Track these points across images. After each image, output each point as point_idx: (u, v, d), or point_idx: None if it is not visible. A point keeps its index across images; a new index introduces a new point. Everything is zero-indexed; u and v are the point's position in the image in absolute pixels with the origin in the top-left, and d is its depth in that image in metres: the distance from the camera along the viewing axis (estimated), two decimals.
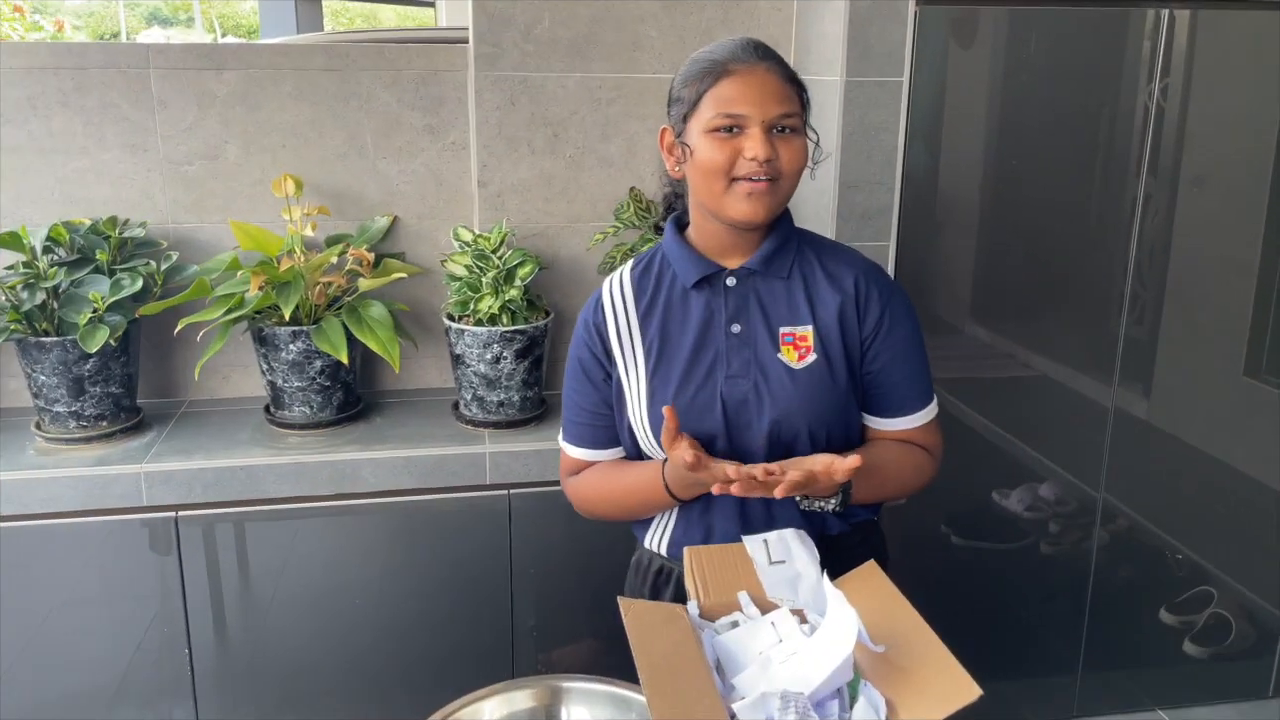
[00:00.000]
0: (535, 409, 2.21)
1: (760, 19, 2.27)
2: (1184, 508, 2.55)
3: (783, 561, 1.27)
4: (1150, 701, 2.60)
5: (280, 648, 2.07)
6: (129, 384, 2.12)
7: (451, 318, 2.17)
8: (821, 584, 1.21)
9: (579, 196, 2.31)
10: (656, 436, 1.38)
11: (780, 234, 1.40)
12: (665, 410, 1.29)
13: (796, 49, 2.28)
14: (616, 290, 1.45)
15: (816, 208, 2.19)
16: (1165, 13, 2.22)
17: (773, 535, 1.30)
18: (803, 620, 1.20)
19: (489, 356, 2.11)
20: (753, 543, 1.29)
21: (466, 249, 2.16)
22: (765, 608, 1.23)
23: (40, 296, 2.00)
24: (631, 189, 2.27)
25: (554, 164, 2.27)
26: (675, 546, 1.46)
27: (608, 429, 1.47)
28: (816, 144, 1.38)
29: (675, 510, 1.46)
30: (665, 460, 1.38)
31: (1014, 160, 2.32)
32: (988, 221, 2.38)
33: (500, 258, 2.13)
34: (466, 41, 2.20)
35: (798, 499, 1.35)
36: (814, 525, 1.40)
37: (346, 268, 2.15)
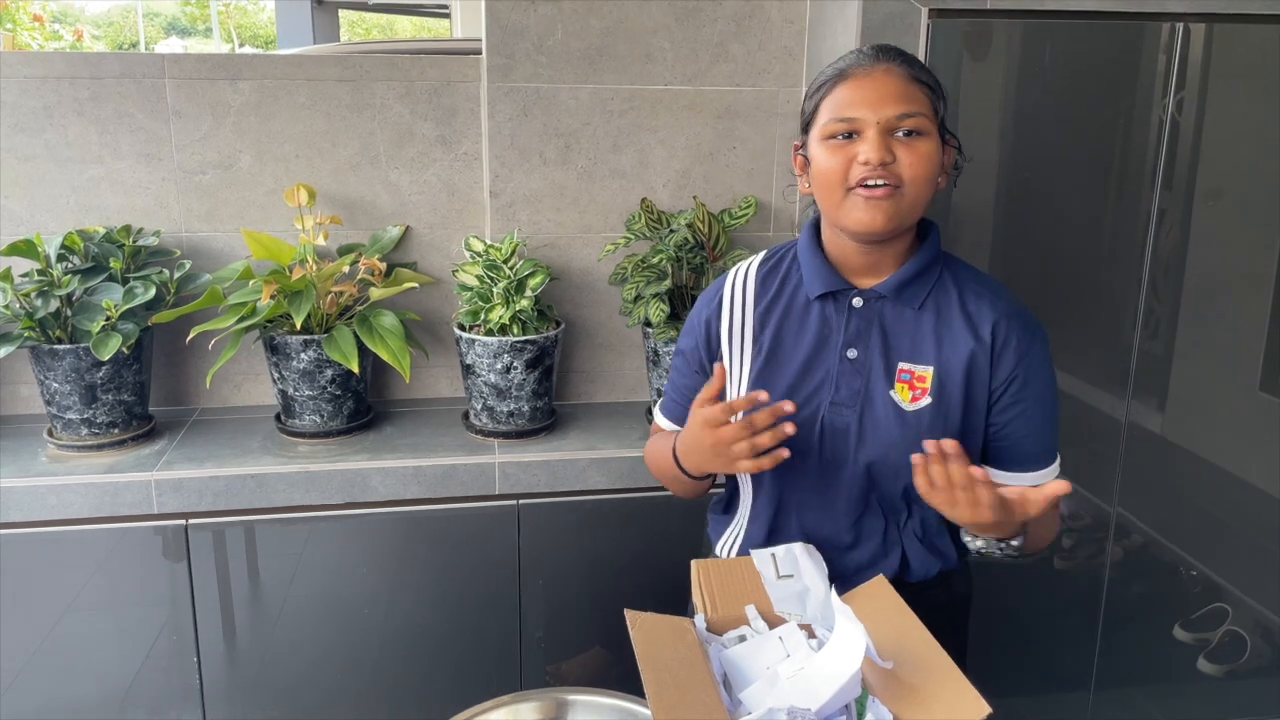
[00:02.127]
0: (545, 419, 2.21)
1: (773, 31, 2.27)
2: (1198, 523, 2.53)
3: (791, 576, 1.26)
4: (1164, 718, 2.57)
5: (289, 656, 2.07)
6: (141, 392, 2.13)
7: (462, 327, 2.17)
8: (830, 599, 1.20)
9: (590, 207, 2.31)
10: None
11: (922, 258, 1.31)
12: (717, 367, 1.23)
13: (809, 60, 2.28)
14: (739, 285, 1.39)
15: None
16: (1180, 26, 2.21)
17: (781, 549, 1.29)
18: (810, 635, 1.19)
19: (499, 366, 2.11)
20: (761, 557, 1.28)
21: (478, 259, 2.16)
22: (773, 622, 1.22)
23: (54, 304, 2.01)
24: (643, 200, 2.27)
25: (566, 175, 2.28)
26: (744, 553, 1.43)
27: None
28: (959, 149, 1.29)
29: (746, 520, 1.43)
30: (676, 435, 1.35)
31: (1027, 173, 2.32)
32: (1001, 234, 2.37)
33: (511, 268, 2.13)
34: (480, 53, 2.21)
35: (967, 537, 1.25)
36: (894, 567, 1.33)
37: (358, 277, 2.16)
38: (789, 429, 1.20)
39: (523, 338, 2.10)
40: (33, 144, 2.14)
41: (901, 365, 1.29)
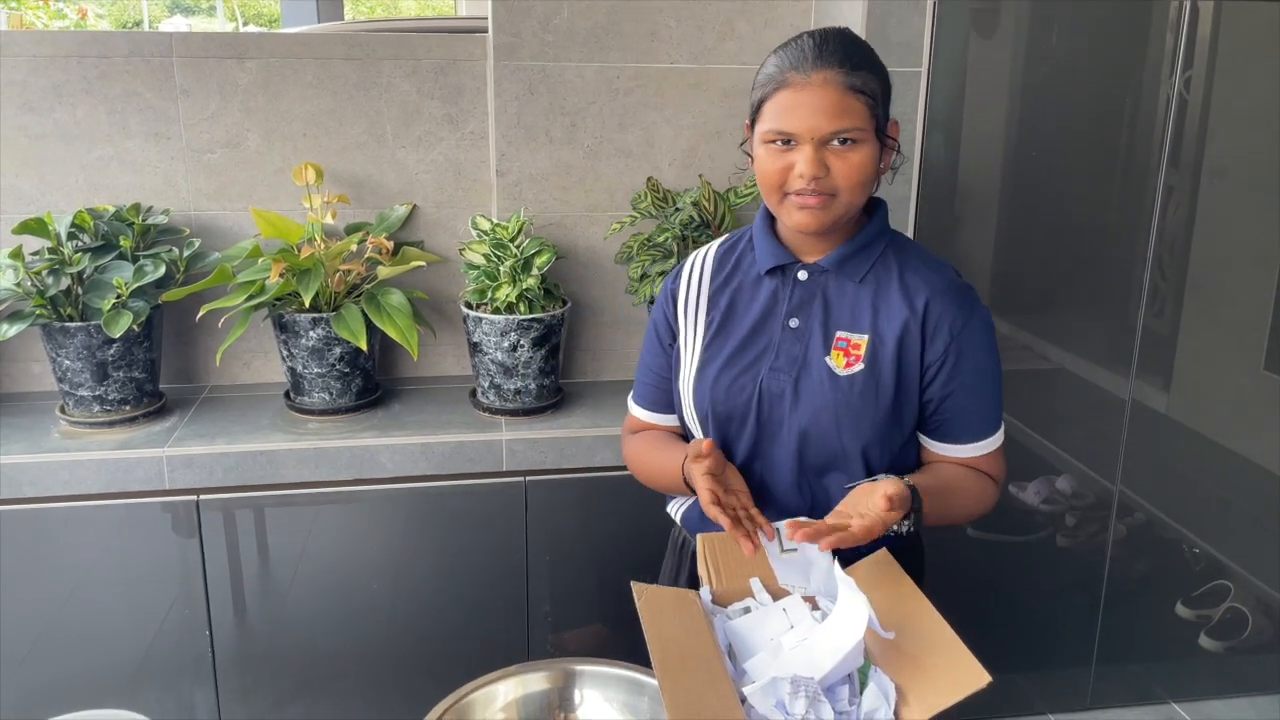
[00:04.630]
0: (552, 397, 2.23)
1: (779, 8, 2.26)
2: (1202, 502, 2.54)
3: (794, 549, 1.27)
4: (1165, 695, 2.59)
5: (299, 630, 2.10)
6: (152, 369, 2.15)
7: (469, 306, 2.18)
8: (833, 571, 1.21)
9: (596, 186, 2.31)
10: (696, 408, 1.40)
11: (864, 236, 1.36)
12: (706, 444, 1.29)
13: None
14: (699, 263, 1.46)
15: None
16: (1188, 3, 2.21)
17: (784, 523, 1.30)
18: (814, 607, 1.21)
19: (506, 344, 2.13)
20: None
21: (485, 238, 2.17)
22: (777, 594, 1.24)
23: (65, 282, 2.03)
24: (649, 179, 2.28)
25: (572, 154, 2.28)
26: (686, 517, 1.52)
27: (671, 393, 1.48)
28: (897, 150, 1.33)
29: None
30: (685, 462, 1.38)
31: (1033, 152, 2.32)
32: (1006, 213, 2.37)
33: (518, 246, 2.14)
34: (486, 31, 2.21)
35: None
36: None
37: (366, 256, 2.17)
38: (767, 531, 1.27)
39: (529, 316, 2.12)
40: (42, 123, 2.15)
41: (839, 334, 1.35)
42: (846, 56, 1.27)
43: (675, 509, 1.55)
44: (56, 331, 2.02)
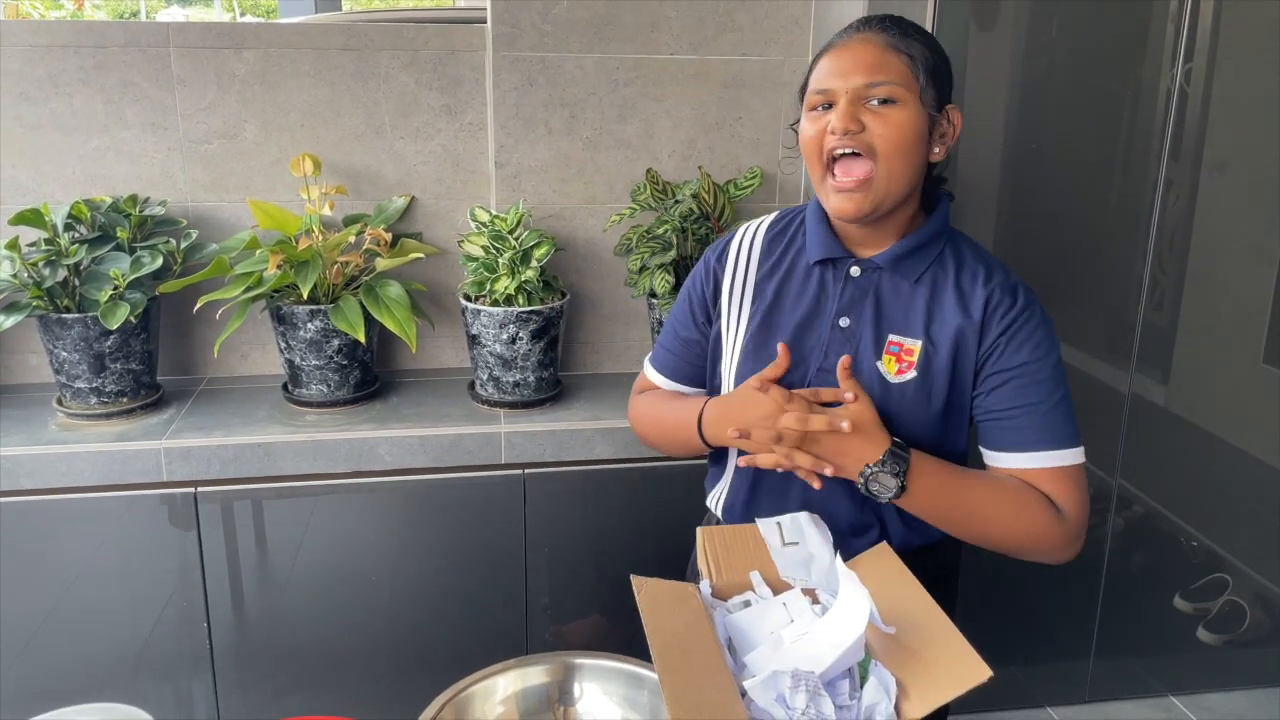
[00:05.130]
0: (551, 389, 2.22)
1: (779, 1, 2.25)
2: (1200, 495, 2.55)
3: (796, 543, 1.27)
4: (1163, 688, 2.60)
5: (297, 622, 2.10)
6: (149, 361, 2.14)
7: (468, 298, 2.17)
8: (834, 565, 1.21)
9: (596, 178, 2.31)
10: None
11: (923, 233, 1.30)
12: (781, 348, 1.26)
13: (815, 30, 2.27)
14: (746, 243, 1.40)
15: None
16: None
17: (786, 518, 1.30)
18: (814, 600, 1.21)
19: (505, 337, 2.12)
20: (766, 524, 1.30)
21: (483, 229, 2.16)
22: (778, 588, 1.24)
23: (62, 273, 2.02)
24: (648, 171, 2.27)
25: (571, 145, 2.27)
26: (728, 512, 1.46)
27: (692, 365, 1.45)
28: (948, 118, 1.26)
29: (730, 476, 1.44)
30: (708, 400, 1.36)
31: (1034, 144, 2.31)
32: (1006, 205, 2.37)
33: (517, 238, 2.13)
34: (484, 22, 2.20)
35: (859, 482, 1.24)
36: (874, 541, 1.33)
37: (364, 247, 2.16)
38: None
39: (528, 308, 2.11)
40: (38, 113, 2.14)
41: (891, 337, 1.29)
42: (893, 23, 1.26)
43: (715, 500, 1.49)
44: (53, 323, 2.02)
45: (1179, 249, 2.37)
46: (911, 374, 1.28)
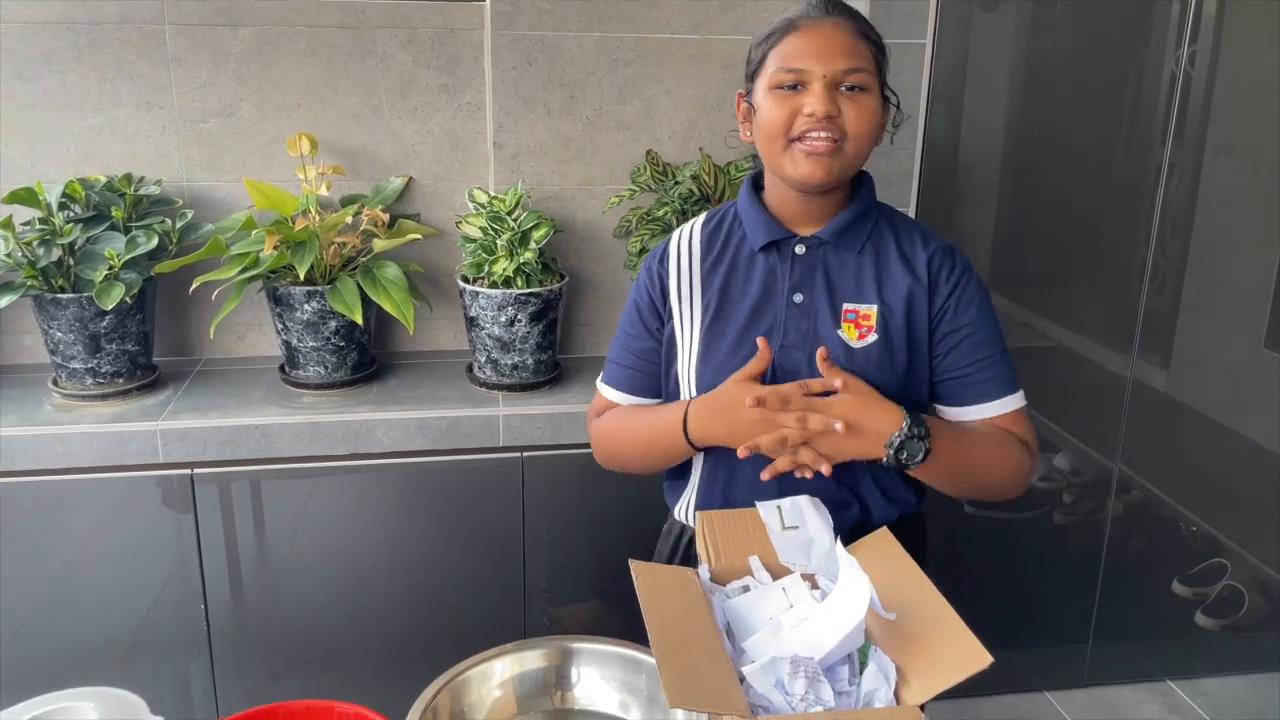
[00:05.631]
0: (549, 372, 2.21)
1: None
2: (1200, 480, 2.54)
3: (796, 527, 1.26)
4: (1161, 672, 2.60)
5: (294, 604, 2.09)
6: (145, 342, 2.13)
7: (466, 280, 2.16)
8: (834, 550, 1.20)
9: (595, 159, 2.29)
10: (697, 394, 1.36)
11: (859, 205, 1.35)
12: (760, 341, 1.29)
13: None
14: (685, 243, 1.42)
15: None
16: None
17: (786, 501, 1.29)
18: (814, 586, 1.20)
19: (503, 319, 2.11)
20: (766, 508, 1.29)
21: (482, 211, 2.15)
22: (777, 573, 1.23)
23: (56, 253, 2.00)
24: (648, 152, 2.25)
25: (570, 125, 2.25)
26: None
27: (650, 377, 1.44)
28: (897, 107, 1.32)
29: (698, 482, 1.44)
30: (690, 401, 1.35)
31: (1036, 126, 2.29)
32: (1008, 188, 2.35)
33: (515, 220, 2.11)
34: (483, 0, 2.18)
35: (887, 455, 1.26)
36: (856, 516, 1.37)
37: (361, 228, 2.15)
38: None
39: (527, 290, 2.10)
40: (32, 91, 2.12)
41: (846, 306, 1.33)
42: (854, 13, 1.30)
43: (683, 509, 1.48)
44: (48, 303, 2.00)
45: (1181, 233, 2.36)
46: (873, 337, 1.32)
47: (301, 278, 2.02)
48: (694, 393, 1.37)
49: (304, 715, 1.20)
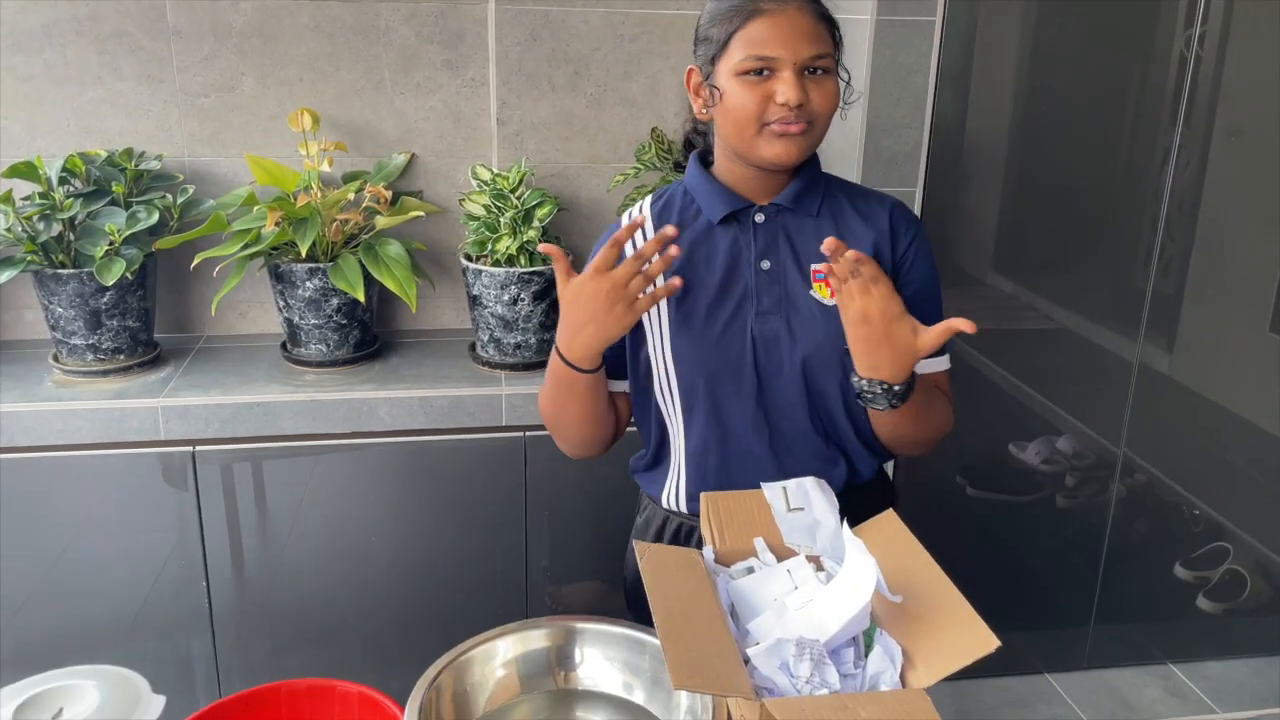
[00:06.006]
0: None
1: None
2: (1204, 464, 2.54)
3: (801, 509, 1.26)
4: (1162, 655, 2.60)
5: (296, 582, 2.09)
6: (146, 318, 2.11)
7: (469, 258, 2.15)
8: (841, 532, 1.20)
9: (600, 136, 2.27)
10: (679, 374, 1.37)
11: (809, 173, 1.37)
12: (545, 248, 1.30)
13: None
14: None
15: (843, 150, 2.15)
16: None
17: (791, 483, 1.28)
18: (819, 568, 1.19)
19: (506, 298, 2.10)
20: (771, 489, 1.28)
21: (485, 188, 2.13)
22: (782, 555, 1.22)
23: (56, 228, 1.99)
24: (653, 129, 2.23)
25: (575, 102, 2.23)
26: (693, 501, 1.43)
27: (612, 363, 1.43)
28: (848, 84, 1.34)
29: (683, 467, 1.43)
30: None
31: (1044, 106, 2.27)
32: (1015, 169, 2.33)
33: (519, 198, 2.10)
34: None
35: (856, 384, 1.28)
36: (844, 474, 1.41)
37: (364, 205, 2.13)
38: (674, 250, 1.26)
39: (530, 269, 2.08)
40: (31, 64, 2.10)
41: (815, 266, 1.36)
42: None
43: (670, 495, 1.47)
44: (48, 278, 1.99)
45: (1189, 216, 2.35)
46: None
47: (303, 255, 2.01)
48: (670, 371, 1.37)
49: (306, 694, 1.20)
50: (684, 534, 1.46)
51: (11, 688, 0.96)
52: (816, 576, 1.17)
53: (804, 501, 1.26)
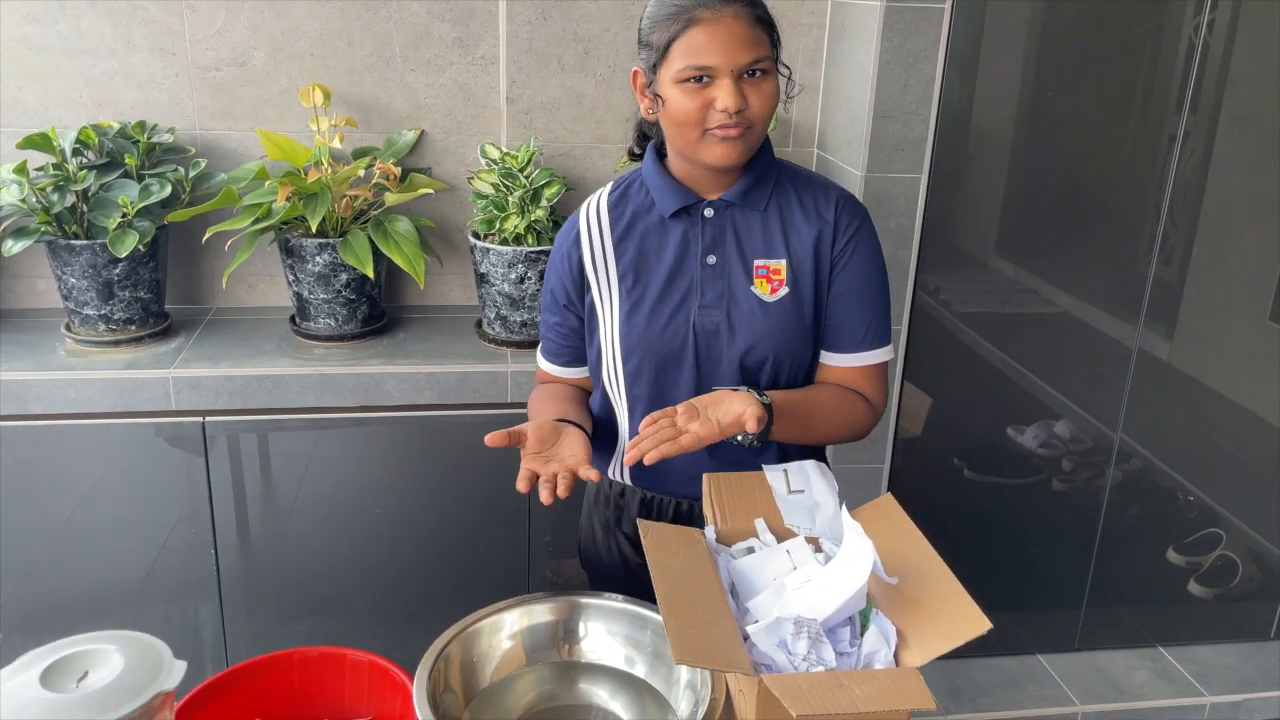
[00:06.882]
0: None
1: None
2: (1200, 450, 2.56)
3: (801, 491, 1.29)
4: (1152, 638, 2.64)
5: (302, 552, 2.13)
6: (157, 290, 2.14)
7: (477, 236, 2.17)
8: (840, 515, 1.23)
9: (608, 116, 2.28)
10: (626, 361, 1.42)
11: (758, 168, 1.41)
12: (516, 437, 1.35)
13: None
14: (593, 216, 1.46)
15: (849, 137, 2.16)
16: None
17: (793, 465, 1.32)
18: (817, 549, 1.22)
19: (513, 276, 2.12)
20: (772, 472, 1.31)
21: (494, 166, 2.15)
22: (782, 536, 1.25)
23: (70, 199, 2.01)
24: None
25: (584, 82, 2.25)
26: (636, 471, 1.51)
27: (579, 349, 1.52)
28: (789, 78, 1.38)
29: (626, 445, 1.49)
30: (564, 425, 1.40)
31: (1050, 93, 2.28)
32: (1020, 155, 2.34)
33: (527, 177, 2.11)
34: None
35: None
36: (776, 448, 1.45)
37: (373, 181, 2.15)
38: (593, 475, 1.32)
39: (537, 248, 2.10)
40: (45, 35, 2.11)
41: (757, 262, 1.40)
42: None
43: (615, 468, 1.55)
44: (62, 249, 2.01)
45: (1192, 203, 2.36)
46: (784, 290, 1.40)
47: (313, 229, 2.03)
48: (618, 359, 1.43)
49: (318, 661, 1.23)
50: (626, 494, 1.55)
51: (35, 652, 0.99)
52: (815, 557, 1.20)
53: (804, 484, 1.29)
